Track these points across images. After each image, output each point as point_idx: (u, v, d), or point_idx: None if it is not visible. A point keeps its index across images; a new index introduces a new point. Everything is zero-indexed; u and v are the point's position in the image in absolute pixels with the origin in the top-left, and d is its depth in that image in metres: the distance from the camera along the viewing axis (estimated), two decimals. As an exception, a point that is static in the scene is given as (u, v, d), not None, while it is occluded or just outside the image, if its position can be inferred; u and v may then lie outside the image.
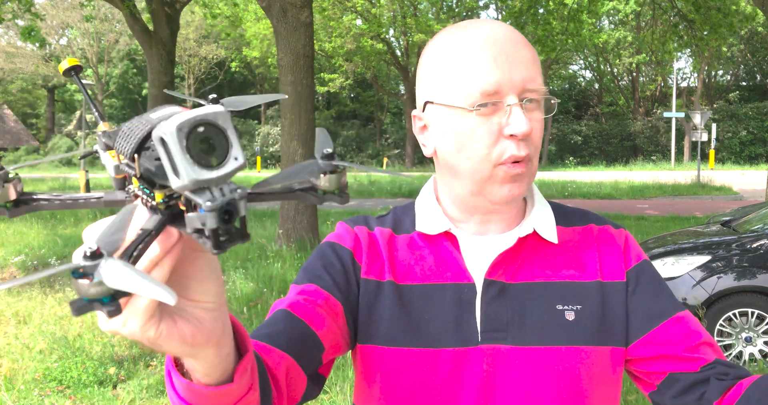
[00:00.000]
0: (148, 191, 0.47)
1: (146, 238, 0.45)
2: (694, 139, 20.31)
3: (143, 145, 0.45)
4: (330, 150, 0.51)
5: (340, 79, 33.86)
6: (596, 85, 41.67)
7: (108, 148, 0.50)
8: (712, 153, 24.71)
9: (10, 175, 0.46)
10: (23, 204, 0.46)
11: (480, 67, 0.85)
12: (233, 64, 38.33)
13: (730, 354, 4.77)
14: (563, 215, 1.00)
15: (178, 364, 0.61)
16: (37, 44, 12.51)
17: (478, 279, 0.92)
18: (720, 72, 40.05)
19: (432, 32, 25.32)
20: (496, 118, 0.86)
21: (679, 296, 4.82)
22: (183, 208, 0.46)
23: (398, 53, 32.07)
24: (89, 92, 0.57)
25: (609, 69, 38.90)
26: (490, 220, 0.95)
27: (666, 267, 5.01)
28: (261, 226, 11.49)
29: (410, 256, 0.96)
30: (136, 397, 4.18)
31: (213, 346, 0.56)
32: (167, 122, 0.41)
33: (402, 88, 38.50)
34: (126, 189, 0.50)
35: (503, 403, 0.89)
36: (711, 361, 0.89)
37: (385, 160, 36.14)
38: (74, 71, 0.56)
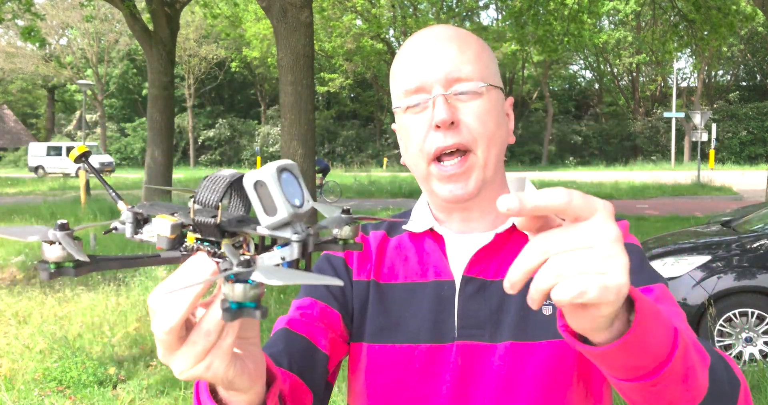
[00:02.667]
0: (208, 244, 0.53)
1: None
2: (694, 139, 20.32)
3: (229, 196, 0.53)
4: (348, 207, 0.60)
5: (340, 79, 33.86)
6: (596, 85, 41.68)
7: (144, 219, 0.54)
8: (712, 153, 24.71)
9: (75, 235, 0.49)
10: (85, 264, 0.49)
11: (403, 68, 0.91)
12: (233, 64, 38.31)
13: (731, 354, 4.77)
14: None
15: (212, 392, 0.63)
16: (37, 44, 12.52)
17: (458, 276, 0.92)
18: (720, 72, 40.07)
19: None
20: (426, 114, 0.88)
21: (679, 296, 4.81)
22: (247, 253, 0.52)
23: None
24: (103, 177, 0.63)
25: (609, 69, 38.91)
26: (471, 218, 0.95)
27: (666, 267, 5.00)
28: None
29: (396, 256, 0.98)
30: (136, 397, 4.18)
31: (261, 377, 0.60)
32: (263, 169, 0.49)
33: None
34: (182, 247, 0.54)
35: (479, 398, 0.88)
36: None
37: (385, 159, 36.13)
38: (85, 157, 0.60)
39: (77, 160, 0.60)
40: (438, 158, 0.88)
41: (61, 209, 13.87)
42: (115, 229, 0.55)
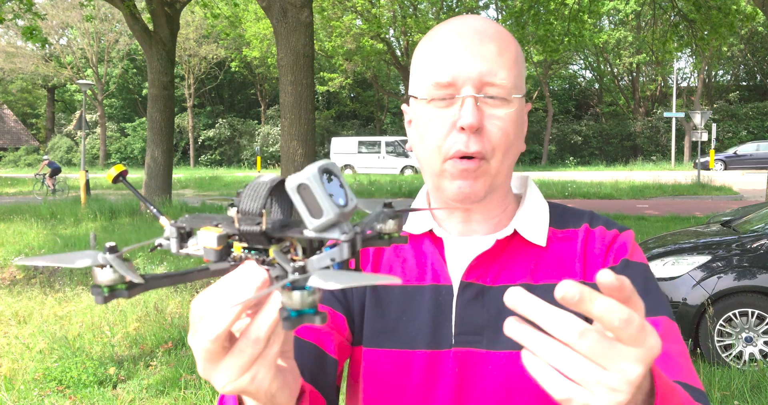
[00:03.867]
0: (255, 252, 0.52)
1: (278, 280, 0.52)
2: (694, 139, 20.30)
3: (269, 201, 0.52)
4: (389, 200, 0.60)
5: (340, 79, 33.85)
6: (596, 85, 41.65)
7: (187, 233, 0.54)
8: (712, 153, 24.69)
9: (125, 256, 0.49)
10: (138, 285, 0.48)
11: (438, 59, 0.86)
12: (233, 64, 38.30)
13: (731, 354, 4.77)
14: (559, 217, 0.96)
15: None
16: (38, 44, 12.51)
17: (457, 281, 0.91)
18: (720, 72, 40.06)
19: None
20: (451, 110, 0.85)
21: (679, 296, 4.82)
22: (296, 258, 0.52)
23: (398, 53, 32.04)
24: (137, 190, 0.64)
25: (609, 69, 38.89)
26: (472, 219, 0.93)
27: (666, 267, 5.00)
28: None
29: (394, 258, 0.96)
30: (136, 397, 4.18)
31: (297, 389, 0.59)
32: (304, 172, 0.48)
33: (402, 88, 38.50)
34: (230, 258, 0.53)
35: None
36: None
37: (386, 160, 36.12)
38: (122, 176, 0.61)
39: (115, 180, 0.61)
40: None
41: (61, 209, 13.87)
42: (160, 245, 0.55)
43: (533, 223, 0.92)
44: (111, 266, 0.47)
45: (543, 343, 0.50)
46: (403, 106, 0.95)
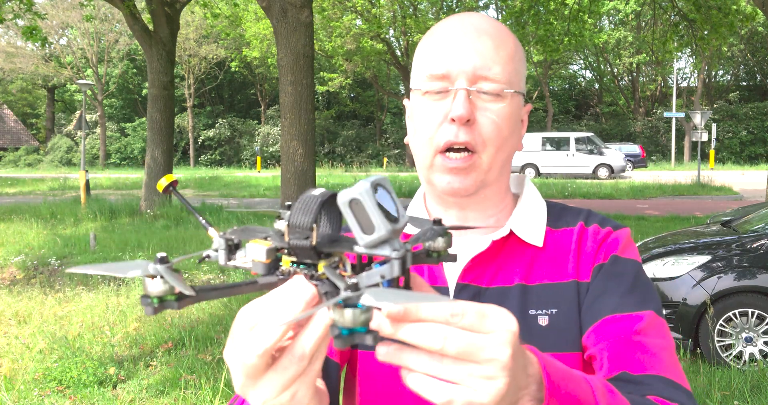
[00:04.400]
0: (304, 266, 0.52)
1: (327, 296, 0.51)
2: (694, 139, 20.31)
3: (319, 215, 0.52)
4: (439, 217, 0.59)
5: (340, 79, 33.86)
6: (596, 85, 41.66)
7: (235, 245, 0.54)
8: (712, 153, 24.70)
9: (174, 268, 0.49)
10: (189, 297, 0.49)
11: (434, 51, 0.88)
12: (233, 64, 38.30)
13: (731, 354, 4.77)
14: (556, 216, 0.95)
15: None
16: (39, 44, 12.51)
17: (453, 283, 0.90)
18: (720, 72, 40.06)
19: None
20: (445, 103, 0.86)
21: (679, 296, 4.82)
22: (345, 274, 0.51)
23: (398, 53, 32.04)
24: (187, 201, 0.63)
25: (609, 69, 38.90)
26: (468, 217, 0.93)
27: (666, 267, 5.00)
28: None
29: None
30: (136, 397, 4.18)
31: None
32: (357, 187, 0.48)
33: (402, 88, 38.49)
34: (278, 272, 0.53)
35: None
36: (614, 374, 0.79)
37: (385, 159, 36.14)
38: (172, 186, 0.62)
39: (165, 190, 0.61)
40: (446, 149, 0.86)
41: (61, 209, 13.87)
42: (208, 257, 0.55)
43: (530, 223, 0.92)
44: (162, 277, 0.47)
45: (414, 358, 0.49)
46: (405, 101, 0.96)
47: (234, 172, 33.98)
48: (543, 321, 0.87)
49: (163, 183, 0.61)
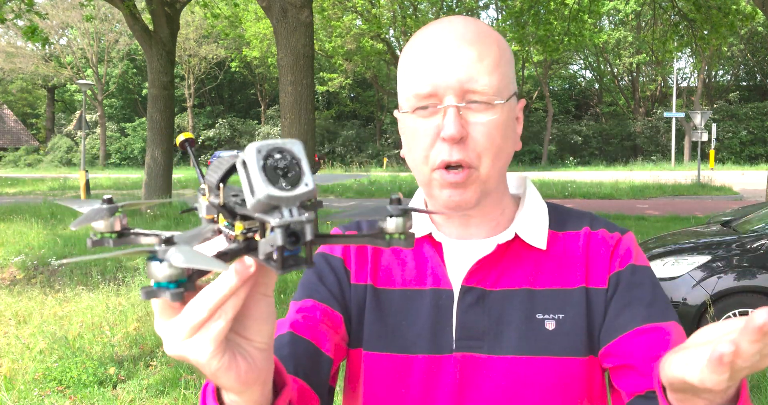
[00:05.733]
0: (227, 224, 0.51)
1: (222, 256, 0.49)
2: (694, 139, 20.31)
3: (228, 176, 0.51)
4: (397, 195, 0.54)
5: (340, 79, 33.87)
6: (596, 85, 41.68)
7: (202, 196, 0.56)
8: (712, 153, 24.71)
9: (119, 210, 0.50)
10: (124, 236, 0.50)
11: (417, 69, 0.85)
12: (233, 64, 38.32)
13: (730, 354, 4.76)
14: (559, 219, 0.95)
15: (218, 397, 0.63)
16: (38, 44, 12.51)
17: (457, 285, 0.90)
18: (720, 72, 40.08)
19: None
20: (435, 120, 0.84)
21: (679, 296, 4.82)
22: (258, 238, 0.49)
23: (398, 53, 32.05)
24: (196, 163, 0.65)
25: (609, 69, 38.91)
26: (470, 223, 0.92)
27: (666, 267, 5.00)
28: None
29: (393, 261, 0.95)
30: (136, 397, 4.18)
31: (261, 384, 0.58)
32: (248, 146, 0.46)
33: (402, 88, 38.41)
34: (213, 229, 0.54)
35: None
36: (647, 389, 0.80)
37: (385, 159, 36.15)
38: (188, 143, 0.63)
39: (181, 145, 0.62)
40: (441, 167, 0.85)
41: (61, 209, 13.87)
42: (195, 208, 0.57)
43: (533, 226, 0.92)
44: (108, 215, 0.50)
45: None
46: (395, 113, 0.94)
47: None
48: (550, 325, 0.87)
49: (181, 138, 0.61)
